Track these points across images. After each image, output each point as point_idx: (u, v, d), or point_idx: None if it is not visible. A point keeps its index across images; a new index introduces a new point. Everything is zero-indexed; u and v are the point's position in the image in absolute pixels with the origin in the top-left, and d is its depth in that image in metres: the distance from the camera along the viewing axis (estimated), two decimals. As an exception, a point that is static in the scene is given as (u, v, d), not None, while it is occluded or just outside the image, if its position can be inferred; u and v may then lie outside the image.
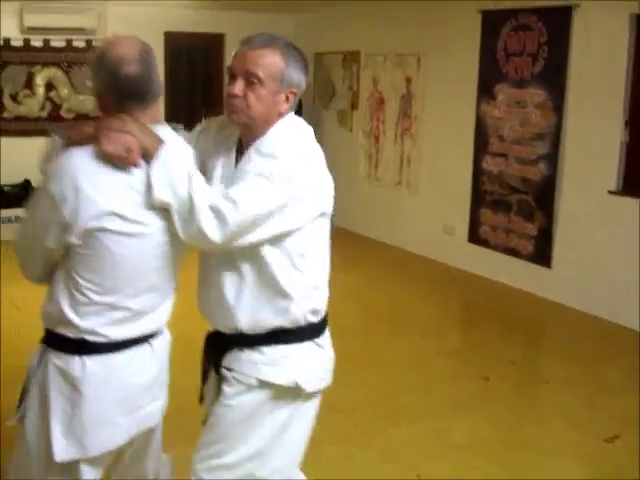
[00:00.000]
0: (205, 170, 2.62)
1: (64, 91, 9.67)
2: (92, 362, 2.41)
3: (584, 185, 6.73)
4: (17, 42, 9.27)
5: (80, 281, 2.37)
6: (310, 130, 2.68)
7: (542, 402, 5.19)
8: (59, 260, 2.42)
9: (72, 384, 2.41)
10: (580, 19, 6.58)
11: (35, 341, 5.79)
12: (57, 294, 2.44)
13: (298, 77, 2.57)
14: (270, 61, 2.51)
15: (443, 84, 8.26)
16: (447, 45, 8.13)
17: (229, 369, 2.62)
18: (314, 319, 2.64)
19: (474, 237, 7.94)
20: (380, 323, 6.38)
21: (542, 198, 7.07)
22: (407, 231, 8.89)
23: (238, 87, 2.51)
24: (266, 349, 2.59)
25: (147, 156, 2.36)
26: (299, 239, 2.51)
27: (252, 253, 2.48)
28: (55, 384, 2.42)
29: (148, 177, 2.35)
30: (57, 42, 9.48)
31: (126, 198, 2.33)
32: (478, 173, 7.81)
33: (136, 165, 2.33)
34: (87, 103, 9.76)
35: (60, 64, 9.59)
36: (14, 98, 9.41)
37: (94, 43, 9.65)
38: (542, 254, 7.14)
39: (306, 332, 2.63)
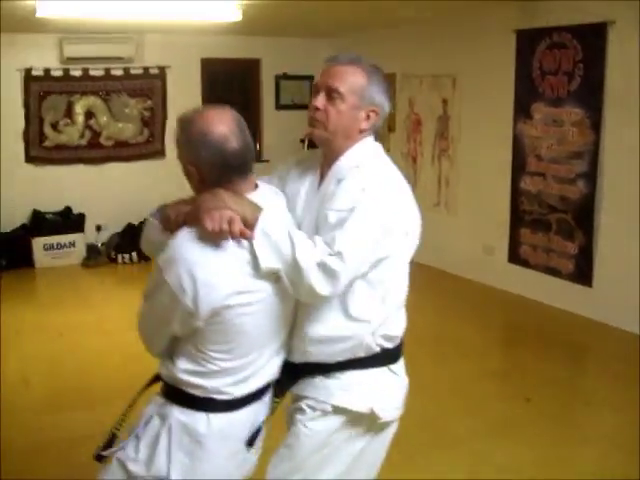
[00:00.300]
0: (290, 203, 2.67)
1: (103, 119, 9.80)
2: (216, 419, 2.45)
3: (624, 202, 6.66)
4: (57, 72, 9.42)
5: (209, 353, 2.39)
6: (386, 155, 2.68)
7: (586, 423, 5.13)
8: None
9: (196, 439, 2.44)
10: (615, 36, 6.54)
11: (79, 366, 5.86)
12: (182, 363, 2.45)
13: (379, 97, 2.59)
14: (352, 77, 2.54)
15: (479, 104, 8.25)
16: (482, 65, 8.13)
17: (302, 396, 2.62)
18: (389, 345, 2.61)
19: (514, 257, 7.90)
20: (420, 345, 6.35)
21: (582, 217, 7.02)
22: (447, 252, 8.86)
23: (319, 101, 2.55)
24: (340, 374, 2.57)
25: (247, 226, 2.32)
26: (384, 268, 2.51)
27: None
28: (177, 438, 2.45)
29: (252, 247, 2.33)
30: (95, 71, 9.62)
31: (240, 273, 2.34)
32: (517, 193, 7.77)
33: (244, 235, 2.31)
34: (126, 131, 9.90)
35: (99, 92, 9.73)
36: (54, 127, 9.55)
37: (132, 71, 9.79)
38: (583, 273, 7.08)
39: (381, 358, 2.61)
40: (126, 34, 9.41)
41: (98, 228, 9.77)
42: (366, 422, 2.60)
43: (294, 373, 2.62)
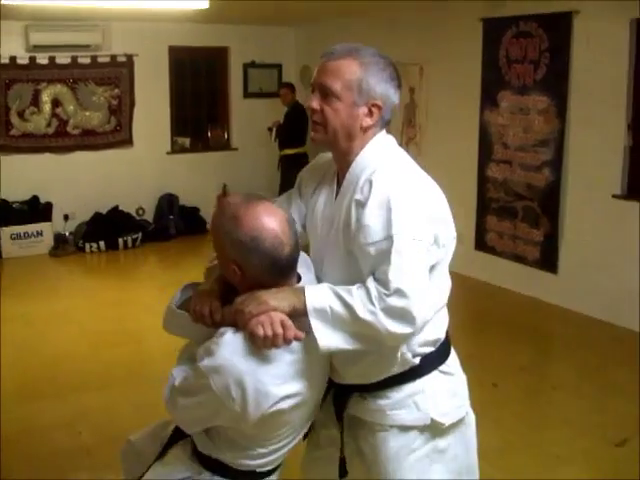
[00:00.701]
0: (307, 220, 2.57)
1: (70, 107, 9.73)
2: None
3: (589, 190, 6.75)
4: (23, 60, 9.32)
5: (258, 441, 2.36)
6: (402, 151, 2.50)
7: (551, 408, 5.19)
8: None
9: None
10: (581, 25, 6.61)
11: (48, 356, 5.79)
12: (228, 448, 2.40)
13: (382, 87, 2.37)
14: (345, 71, 2.32)
15: (446, 93, 8.29)
16: (449, 54, 8.17)
17: (356, 419, 2.52)
18: (429, 349, 2.45)
19: (481, 244, 7.96)
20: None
21: (547, 204, 7.10)
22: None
23: (314, 101, 2.35)
24: (389, 393, 2.44)
25: (299, 314, 2.19)
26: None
27: None
28: None
29: (300, 339, 2.19)
30: (62, 59, 9.53)
31: (289, 377, 2.25)
32: (483, 180, 7.84)
33: (298, 338, 2.19)
34: (93, 119, 9.84)
35: (65, 81, 9.65)
36: (21, 115, 9.47)
37: (99, 59, 9.72)
38: (548, 260, 7.16)
39: (425, 365, 2.45)
40: (93, 22, 9.34)
41: (66, 217, 9.71)
42: (433, 427, 2.49)
43: (341, 392, 2.53)
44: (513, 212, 7.48)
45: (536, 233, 7.24)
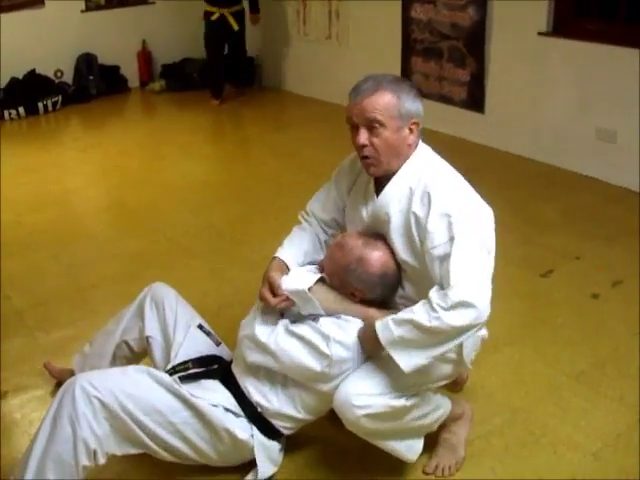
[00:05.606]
0: (344, 213, 3.03)
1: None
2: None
3: (514, 28, 6.69)
4: None
5: (317, 413, 2.94)
6: (438, 157, 2.91)
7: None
8: None
9: None
10: None
11: None
12: (283, 403, 2.85)
13: (414, 106, 2.69)
14: (384, 102, 2.63)
15: None
16: None
17: None
18: None
19: (407, 87, 7.88)
20: (320, 180, 6.41)
21: (473, 43, 7.03)
22: (340, 86, 8.66)
23: (363, 137, 2.66)
24: None
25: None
26: None
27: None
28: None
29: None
30: None
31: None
32: (407, 22, 7.70)
33: None
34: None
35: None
36: None
37: None
38: (475, 100, 7.16)
39: None
40: None
41: (-20, 84, 9.36)
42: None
43: None
44: (438, 53, 7.40)
45: (462, 73, 7.20)
